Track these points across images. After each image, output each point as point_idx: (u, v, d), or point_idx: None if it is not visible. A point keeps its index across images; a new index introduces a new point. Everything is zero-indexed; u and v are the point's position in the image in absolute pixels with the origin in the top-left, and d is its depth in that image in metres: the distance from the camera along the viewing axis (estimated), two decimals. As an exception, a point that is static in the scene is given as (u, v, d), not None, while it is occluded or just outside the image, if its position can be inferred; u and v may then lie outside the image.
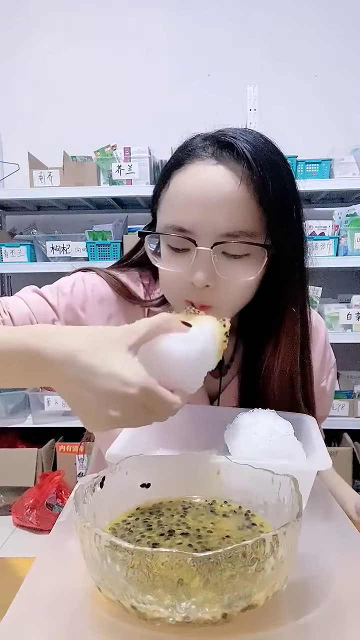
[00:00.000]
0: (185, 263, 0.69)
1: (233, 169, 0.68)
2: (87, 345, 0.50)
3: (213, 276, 0.68)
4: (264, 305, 0.77)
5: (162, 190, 0.73)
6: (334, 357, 0.94)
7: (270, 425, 0.66)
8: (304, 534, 0.46)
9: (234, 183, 0.67)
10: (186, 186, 0.69)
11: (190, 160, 0.70)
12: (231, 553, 0.39)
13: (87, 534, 0.43)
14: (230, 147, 0.69)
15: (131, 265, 0.88)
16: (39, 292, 0.81)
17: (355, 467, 2.41)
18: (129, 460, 0.57)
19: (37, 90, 2.72)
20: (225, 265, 0.69)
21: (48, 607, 0.47)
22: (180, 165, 0.71)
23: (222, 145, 0.70)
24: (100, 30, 2.69)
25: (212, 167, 0.68)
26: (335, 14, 2.63)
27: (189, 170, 0.69)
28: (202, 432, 0.74)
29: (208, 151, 0.70)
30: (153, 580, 0.39)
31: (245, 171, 0.67)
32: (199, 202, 0.67)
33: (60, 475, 2.37)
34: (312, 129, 2.57)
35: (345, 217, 2.33)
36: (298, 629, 0.44)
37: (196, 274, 0.68)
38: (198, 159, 0.69)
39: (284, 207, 0.70)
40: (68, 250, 2.37)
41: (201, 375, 0.59)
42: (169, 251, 0.72)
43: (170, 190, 0.71)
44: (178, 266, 0.70)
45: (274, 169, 0.69)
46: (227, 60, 2.66)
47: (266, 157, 0.69)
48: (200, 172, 0.69)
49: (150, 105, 2.66)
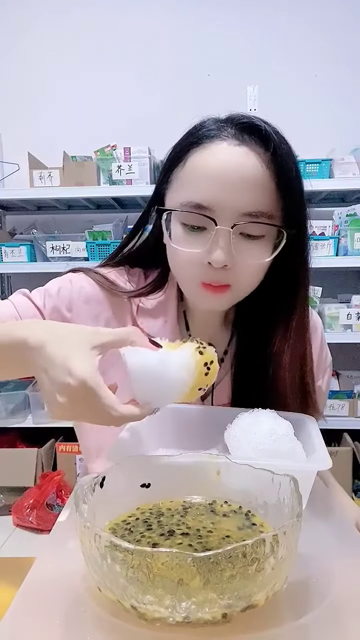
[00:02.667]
0: (202, 242, 0.69)
1: (256, 151, 0.69)
2: (55, 338, 0.54)
3: (231, 256, 0.69)
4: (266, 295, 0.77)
5: (176, 169, 0.73)
6: (330, 356, 0.95)
7: (270, 425, 0.66)
8: (304, 534, 0.46)
9: (257, 165, 0.68)
10: (208, 164, 0.69)
11: (210, 140, 0.70)
12: (231, 553, 0.39)
13: (87, 534, 0.43)
14: (252, 129, 0.70)
15: (122, 260, 0.88)
16: (27, 294, 0.82)
17: (355, 467, 2.41)
18: (129, 460, 0.57)
19: (37, 90, 2.72)
20: (243, 245, 0.70)
21: (48, 607, 0.47)
22: (199, 144, 0.70)
23: (243, 127, 0.70)
24: (100, 30, 2.69)
25: (235, 148, 0.69)
26: (335, 13, 2.63)
27: (210, 149, 0.69)
28: (202, 432, 0.74)
29: (228, 132, 0.70)
30: (153, 580, 0.39)
31: (268, 154, 0.68)
32: (221, 181, 0.67)
33: (60, 475, 2.37)
34: (312, 129, 2.57)
35: (345, 217, 2.33)
36: (298, 629, 0.44)
37: (214, 253, 0.68)
38: (219, 139, 0.70)
39: (298, 194, 0.72)
40: (68, 250, 2.37)
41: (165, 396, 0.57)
42: (184, 230, 0.71)
43: (187, 168, 0.71)
44: (194, 245, 0.70)
45: (291, 155, 0.71)
46: (227, 60, 2.66)
47: (285, 143, 0.71)
48: (223, 151, 0.69)
49: (150, 105, 2.66)
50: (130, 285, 0.85)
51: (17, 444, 2.57)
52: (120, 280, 0.84)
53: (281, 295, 0.78)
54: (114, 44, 2.70)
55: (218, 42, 2.67)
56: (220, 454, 0.61)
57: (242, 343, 0.85)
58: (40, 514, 2.20)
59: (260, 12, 2.65)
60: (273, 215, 0.69)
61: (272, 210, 0.69)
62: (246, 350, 0.84)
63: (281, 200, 0.70)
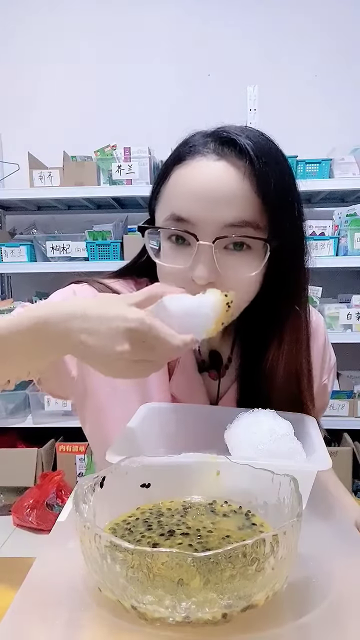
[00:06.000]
0: (185, 258, 0.69)
1: (235, 165, 0.68)
2: (93, 304, 0.57)
3: (214, 272, 0.68)
4: (265, 305, 0.76)
5: (162, 186, 0.73)
6: (334, 356, 0.94)
7: (270, 425, 0.66)
8: (304, 534, 0.46)
9: (236, 178, 0.67)
10: (187, 180, 0.69)
11: (191, 156, 0.70)
12: (231, 553, 0.39)
13: (87, 534, 0.43)
14: (232, 143, 0.69)
15: (131, 271, 0.87)
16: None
17: (355, 467, 2.41)
18: (129, 460, 0.57)
19: (37, 90, 2.72)
20: (229, 260, 0.69)
21: (48, 607, 0.47)
22: (181, 161, 0.71)
23: (223, 141, 0.70)
24: (100, 30, 2.69)
25: (214, 163, 0.68)
26: (335, 14, 2.63)
27: (190, 165, 0.69)
28: (202, 432, 0.74)
29: (209, 147, 0.70)
30: (153, 580, 0.39)
31: (247, 166, 0.67)
32: (201, 196, 0.67)
33: (60, 475, 2.37)
34: (312, 129, 2.57)
35: (345, 217, 2.33)
36: (298, 629, 0.44)
37: (197, 270, 0.68)
38: (199, 155, 0.70)
39: (285, 203, 0.70)
40: (68, 250, 2.37)
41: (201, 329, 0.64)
42: (169, 245, 0.71)
43: (169, 185, 0.71)
44: (177, 261, 0.70)
45: (275, 165, 0.69)
46: (227, 60, 2.66)
47: (267, 154, 0.69)
48: (202, 167, 0.69)
49: (150, 105, 2.66)
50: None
51: (17, 444, 2.57)
52: (125, 290, 0.83)
53: (277, 306, 0.77)
54: (114, 44, 2.70)
55: (218, 42, 2.67)
56: (220, 454, 0.61)
57: (245, 354, 0.85)
58: (40, 514, 2.21)
59: (260, 12, 2.65)
60: (259, 226, 0.68)
61: (257, 220, 0.68)
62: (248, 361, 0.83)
63: (267, 212, 0.68)
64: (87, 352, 0.56)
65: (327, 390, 0.93)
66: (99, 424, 0.84)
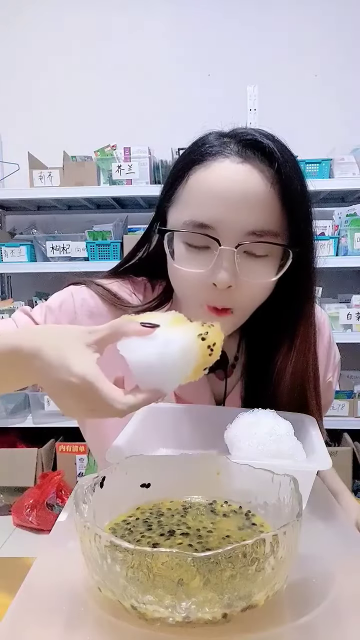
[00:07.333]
0: (205, 262, 0.68)
1: (259, 169, 0.67)
2: (51, 341, 0.55)
3: (235, 277, 0.67)
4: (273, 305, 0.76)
5: (179, 187, 0.71)
6: (338, 354, 0.94)
7: (270, 425, 0.66)
8: (304, 534, 0.46)
9: (262, 182, 0.66)
10: (210, 183, 0.67)
11: (212, 157, 0.68)
12: (231, 553, 0.39)
13: (87, 534, 0.43)
14: (256, 145, 0.68)
15: (129, 269, 0.86)
16: (28, 312, 0.81)
17: (355, 467, 2.41)
18: (129, 460, 0.57)
19: (37, 90, 2.72)
20: (247, 265, 0.67)
21: (48, 607, 0.47)
22: (202, 162, 0.69)
23: (246, 143, 0.68)
24: (100, 30, 2.69)
25: (239, 165, 0.67)
26: (335, 13, 2.63)
27: (213, 167, 0.68)
28: (202, 432, 0.74)
29: (231, 148, 0.68)
30: (153, 580, 0.39)
31: (274, 172, 0.67)
32: (225, 200, 0.66)
33: (60, 475, 2.37)
34: (312, 129, 2.57)
35: (345, 217, 2.33)
36: (298, 629, 0.44)
37: (219, 274, 0.66)
38: (221, 156, 0.68)
39: (304, 209, 0.70)
40: (68, 250, 2.37)
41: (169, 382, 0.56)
42: (186, 249, 0.69)
43: (189, 186, 0.69)
44: (197, 265, 0.68)
45: (296, 170, 0.69)
46: (227, 60, 2.66)
47: (290, 159, 0.69)
48: (226, 169, 0.67)
49: (150, 105, 2.66)
50: (136, 297, 0.83)
51: (17, 444, 2.57)
52: (123, 292, 0.82)
53: (286, 310, 0.76)
54: (114, 44, 2.70)
55: (218, 42, 2.67)
56: (220, 454, 0.61)
57: (251, 353, 0.84)
58: (40, 514, 2.20)
59: (260, 12, 2.65)
60: (278, 234, 0.68)
61: (277, 228, 0.67)
62: (254, 361, 0.83)
63: (286, 218, 0.68)
64: (47, 391, 0.56)
65: (332, 388, 0.92)
66: (98, 427, 0.84)
